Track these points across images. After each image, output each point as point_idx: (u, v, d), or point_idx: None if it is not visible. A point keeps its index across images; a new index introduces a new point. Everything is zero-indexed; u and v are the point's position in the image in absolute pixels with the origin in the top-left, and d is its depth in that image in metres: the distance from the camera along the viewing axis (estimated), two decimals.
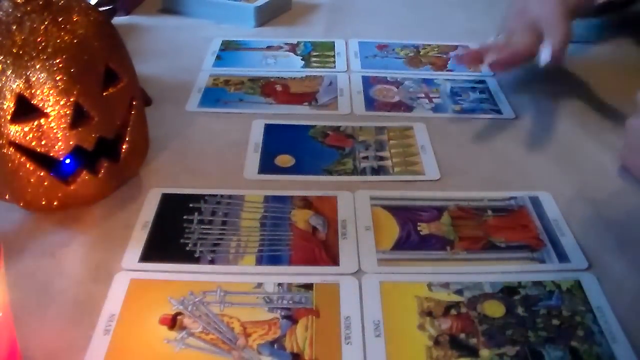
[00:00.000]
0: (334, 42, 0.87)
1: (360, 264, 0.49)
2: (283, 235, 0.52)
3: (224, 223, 0.53)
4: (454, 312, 0.45)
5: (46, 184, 0.51)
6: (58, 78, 0.48)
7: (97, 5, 0.84)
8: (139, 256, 0.50)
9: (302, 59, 0.82)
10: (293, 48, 0.85)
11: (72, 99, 0.49)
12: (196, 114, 0.70)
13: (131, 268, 0.49)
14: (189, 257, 0.50)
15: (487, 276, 0.49)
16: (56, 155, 0.50)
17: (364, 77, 0.77)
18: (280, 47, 0.85)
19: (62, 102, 0.49)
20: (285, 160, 0.62)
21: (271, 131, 0.66)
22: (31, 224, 0.53)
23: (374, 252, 0.51)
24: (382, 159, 0.62)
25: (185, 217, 0.54)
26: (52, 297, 0.46)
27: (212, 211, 0.55)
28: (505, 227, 0.54)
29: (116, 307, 0.45)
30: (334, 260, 0.50)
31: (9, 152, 0.49)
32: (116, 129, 0.54)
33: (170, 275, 0.48)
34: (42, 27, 0.48)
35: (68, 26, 0.50)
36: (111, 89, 0.53)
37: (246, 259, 0.50)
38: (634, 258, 0.50)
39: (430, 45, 0.86)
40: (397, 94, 0.74)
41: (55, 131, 0.49)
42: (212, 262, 0.50)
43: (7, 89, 0.48)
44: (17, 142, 0.49)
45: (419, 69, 0.80)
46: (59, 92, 0.48)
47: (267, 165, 0.61)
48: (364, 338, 0.43)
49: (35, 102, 0.48)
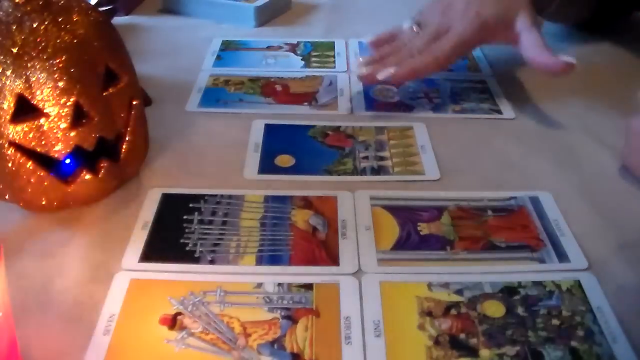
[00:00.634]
0: (334, 42, 0.87)
1: (360, 264, 0.49)
2: (283, 235, 0.52)
3: (224, 223, 0.53)
4: (454, 312, 0.45)
5: (46, 184, 0.51)
6: (58, 78, 0.48)
7: (97, 5, 0.84)
8: (139, 256, 0.50)
9: (302, 59, 0.82)
10: (293, 48, 0.85)
11: (72, 99, 0.49)
12: (196, 114, 0.70)
13: (131, 268, 0.49)
14: (189, 257, 0.50)
15: (487, 276, 0.49)
16: (56, 155, 0.50)
17: None
18: (280, 47, 0.85)
19: (62, 102, 0.49)
20: (285, 160, 0.62)
21: (271, 131, 0.66)
22: (31, 224, 0.53)
23: (374, 252, 0.51)
24: (382, 159, 0.62)
25: (185, 217, 0.54)
26: (52, 297, 0.46)
27: (212, 211, 0.55)
28: (505, 227, 0.54)
29: (116, 307, 0.45)
30: (334, 260, 0.50)
31: (9, 152, 0.49)
32: (116, 129, 0.54)
33: (170, 275, 0.48)
34: (42, 27, 0.48)
35: (68, 26, 0.50)
36: (111, 89, 0.53)
37: (246, 259, 0.50)
38: (634, 258, 0.50)
39: None
40: (397, 94, 0.74)
41: (55, 131, 0.49)
42: (212, 262, 0.50)
43: (7, 89, 0.48)
44: (17, 142, 0.49)
45: None
46: (59, 92, 0.48)
47: (267, 165, 0.61)
48: (364, 338, 0.43)
49: (35, 102, 0.48)
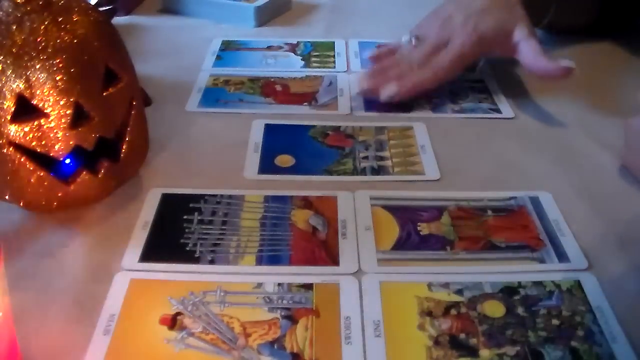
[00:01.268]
0: (334, 42, 0.87)
1: (360, 264, 0.49)
2: (283, 235, 0.52)
3: (224, 223, 0.53)
4: (454, 312, 0.45)
5: (46, 184, 0.51)
6: (58, 78, 0.48)
7: (97, 5, 0.84)
8: (139, 256, 0.50)
9: (302, 59, 0.82)
10: (293, 48, 0.85)
11: (72, 99, 0.49)
12: (196, 114, 0.70)
13: (131, 268, 0.49)
14: (189, 257, 0.50)
15: (487, 276, 0.49)
16: (56, 155, 0.50)
17: None
18: (280, 47, 0.85)
19: (62, 102, 0.49)
20: (285, 160, 0.62)
21: (271, 131, 0.66)
22: (31, 224, 0.53)
23: (374, 252, 0.51)
24: (382, 159, 0.62)
25: (185, 217, 0.54)
26: (52, 297, 0.46)
27: (212, 211, 0.55)
28: (505, 227, 0.54)
29: (116, 307, 0.45)
30: (334, 260, 0.50)
31: (9, 152, 0.49)
32: (116, 129, 0.54)
33: (170, 275, 0.48)
34: (42, 27, 0.48)
35: (68, 26, 0.50)
36: (111, 89, 0.53)
37: (246, 259, 0.50)
38: (634, 258, 0.50)
39: None
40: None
41: (55, 131, 0.49)
42: (212, 262, 0.50)
43: (7, 89, 0.48)
44: (17, 142, 0.49)
45: None
46: (59, 92, 0.48)
47: (267, 165, 0.61)
48: (364, 338, 0.43)
49: (35, 102, 0.48)
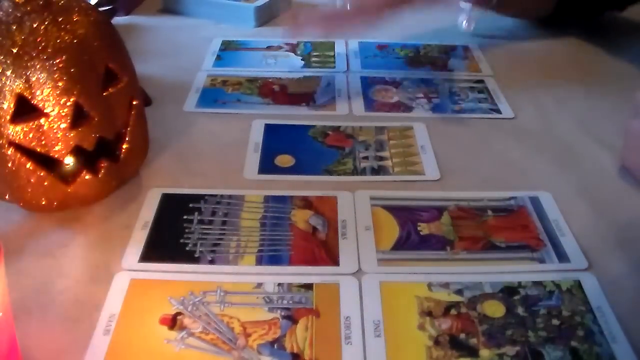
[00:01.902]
0: (334, 42, 0.87)
1: (360, 264, 0.49)
2: (283, 235, 0.52)
3: (224, 223, 0.53)
4: (454, 312, 0.45)
5: (46, 184, 0.51)
6: (58, 78, 0.48)
7: (97, 5, 0.84)
8: (139, 256, 0.50)
9: (302, 59, 0.82)
10: (293, 48, 0.85)
11: (72, 99, 0.49)
12: (196, 114, 0.70)
13: (131, 268, 0.49)
14: (189, 257, 0.50)
15: (487, 276, 0.49)
16: (56, 155, 0.50)
17: (362, 78, 0.77)
18: (280, 47, 0.85)
19: (62, 102, 0.49)
20: (285, 160, 0.62)
21: (271, 131, 0.66)
22: (31, 224, 0.53)
23: (374, 252, 0.51)
24: (382, 159, 0.62)
25: (185, 217, 0.54)
26: (52, 297, 0.46)
27: (212, 211, 0.55)
28: (505, 227, 0.54)
29: (116, 307, 0.45)
30: (334, 260, 0.50)
31: (9, 152, 0.49)
32: (116, 129, 0.54)
33: (170, 275, 0.48)
34: (42, 27, 0.48)
35: (68, 26, 0.50)
36: (111, 89, 0.53)
37: (246, 259, 0.50)
38: (634, 258, 0.50)
39: (430, 45, 0.86)
40: (396, 94, 0.74)
41: (55, 131, 0.49)
42: (212, 262, 0.50)
43: (7, 89, 0.48)
44: (17, 142, 0.49)
45: (419, 69, 0.80)
46: (59, 92, 0.48)
47: (267, 165, 0.61)
48: (364, 338, 0.43)
49: (35, 102, 0.48)
